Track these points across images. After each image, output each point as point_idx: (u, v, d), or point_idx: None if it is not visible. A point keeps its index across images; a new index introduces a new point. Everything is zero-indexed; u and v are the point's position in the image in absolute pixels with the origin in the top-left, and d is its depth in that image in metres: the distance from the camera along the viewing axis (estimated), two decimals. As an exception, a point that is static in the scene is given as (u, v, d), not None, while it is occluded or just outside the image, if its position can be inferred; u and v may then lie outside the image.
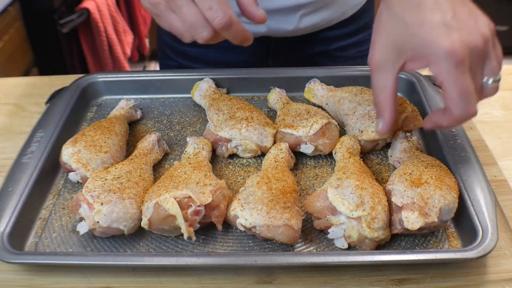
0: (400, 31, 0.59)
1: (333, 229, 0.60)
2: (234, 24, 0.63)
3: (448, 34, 0.55)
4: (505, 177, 0.71)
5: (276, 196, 0.60)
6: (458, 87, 0.56)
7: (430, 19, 0.56)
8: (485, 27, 0.58)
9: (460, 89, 0.56)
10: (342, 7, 0.99)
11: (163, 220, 0.59)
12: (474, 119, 0.82)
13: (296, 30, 0.95)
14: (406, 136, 0.74)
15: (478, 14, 0.59)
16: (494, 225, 0.58)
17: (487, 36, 0.57)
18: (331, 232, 0.60)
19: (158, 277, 0.59)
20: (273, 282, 0.58)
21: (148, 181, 0.67)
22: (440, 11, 0.56)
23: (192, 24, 0.63)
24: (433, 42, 0.55)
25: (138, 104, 0.87)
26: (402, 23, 0.58)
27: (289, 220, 0.57)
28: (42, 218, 0.66)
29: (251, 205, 0.59)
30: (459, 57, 0.54)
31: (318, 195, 0.61)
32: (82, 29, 2.15)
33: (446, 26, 0.55)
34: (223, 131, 0.73)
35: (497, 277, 0.58)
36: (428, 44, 0.56)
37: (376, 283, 0.57)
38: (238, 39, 0.65)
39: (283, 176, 0.64)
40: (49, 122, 0.77)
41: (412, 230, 0.57)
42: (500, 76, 0.59)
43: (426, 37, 0.56)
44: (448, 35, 0.55)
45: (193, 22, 0.62)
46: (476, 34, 0.56)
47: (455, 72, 0.55)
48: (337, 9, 0.98)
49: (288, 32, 0.96)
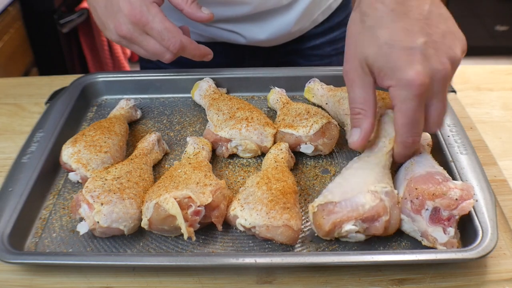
0: (371, 47, 0.57)
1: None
2: (187, 46, 0.75)
3: (415, 62, 0.54)
4: (505, 177, 0.71)
5: (276, 197, 0.60)
6: (407, 118, 0.56)
7: (401, 41, 0.55)
8: (458, 49, 0.56)
9: (408, 120, 0.57)
10: (315, 13, 1.00)
11: (163, 220, 0.59)
12: (474, 119, 0.83)
13: (268, 40, 0.99)
14: None
15: (453, 33, 0.57)
16: (494, 225, 0.58)
17: (456, 60, 0.56)
18: None
19: (158, 277, 0.59)
20: (273, 282, 0.58)
21: (148, 181, 0.67)
22: (413, 33, 0.55)
23: (154, 52, 0.76)
24: (398, 68, 0.54)
25: (138, 104, 0.87)
26: (374, 40, 0.56)
27: (288, 220, 0.57)
28: (42, 218, 0.66)
29: (251, 205, 0.59)
30: (419, 91, 0.54)
31: None
32: (82, 29, 2.15)
33: (416, 52, 0.54)
34: (223, 131, 0.73)
35: (497, 277, 0.58)
36: (394, 68, 0.55)
37: (376, 283, 0.57)
38: (196, 57, 0.79)
39: (283, 176, 0.64)
40: (49, 122, 0.77)
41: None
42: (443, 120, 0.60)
43: (393, 61, 0.55)
44: (415, 63, 0.54)
45: (155, 50, 0.75)
46: (444, 63, 0.55)
47: (410, 103, 0.55)
48: (308, 18, 1.00)
49: (261, 42, 0.99)
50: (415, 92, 0.54)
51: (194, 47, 0.77)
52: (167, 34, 0.73)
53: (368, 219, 0.57)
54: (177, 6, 0.76)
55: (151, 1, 0.73)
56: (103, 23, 0.76)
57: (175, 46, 0.74)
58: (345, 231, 0.57)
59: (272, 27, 0.96)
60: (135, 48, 0.77)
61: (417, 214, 0.58)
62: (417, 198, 0.58)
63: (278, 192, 0.60)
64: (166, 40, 0.73)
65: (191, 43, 0.76)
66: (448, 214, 0.57)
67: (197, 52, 0.78)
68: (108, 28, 0.76)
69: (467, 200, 0.57)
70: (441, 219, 0.57)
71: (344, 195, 0.59)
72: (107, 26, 0.75)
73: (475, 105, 0.88)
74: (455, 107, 0.80)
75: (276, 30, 0.97)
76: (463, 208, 0.56)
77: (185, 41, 0.75)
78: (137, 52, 0.78)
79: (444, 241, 0.57)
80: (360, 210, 0.57)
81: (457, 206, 0.56)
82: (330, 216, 0.58)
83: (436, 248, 0.57)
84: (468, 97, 0.90)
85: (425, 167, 0.62)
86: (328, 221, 0.57)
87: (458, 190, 0.57)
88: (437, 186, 0.58)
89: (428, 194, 0.57)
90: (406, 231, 0.61)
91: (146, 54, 0.77)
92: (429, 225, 0.57)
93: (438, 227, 0.57)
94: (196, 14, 0.76)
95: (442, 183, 0.58)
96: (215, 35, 0.99)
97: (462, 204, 0.56)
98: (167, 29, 0.73)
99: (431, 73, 0.54)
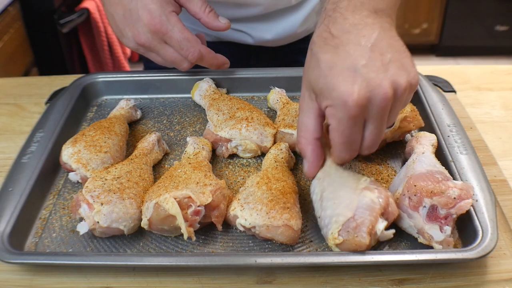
0: (314, 71, 0.57)
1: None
2: (205, 56, 0.77)
3: (352, 83, 0.53)
4: (505, 177, 0.71)
5: (276, 196, 0.60)
6: (343, 137, 0.56)
7: (341, 63, 0.54)
8: (403, 79, 0.54)
9: (344, 139, 0.56)
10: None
11: (163, 220, 0.59)
12: (474, 119, 0.83)
13: (274, 40, 0.99)
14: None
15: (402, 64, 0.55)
16: (494, 225, 0.58)
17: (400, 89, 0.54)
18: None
19: (158, 277, 0.59)
20: (273, 282, 0.58)
21: (148, 181, 0.67)
22: (354, 56, 0.54)
23: (172, 61, 0.77)
24: (335, 89, 0.54)
25: (138, 104, 0.87)
26: (317, 63, 0.56)
27: (288, 220, 0.57)
28: (42, 218, 0.66)
29: (251, 205, 0.59)
30: (354, 112, 0.53)
31: None
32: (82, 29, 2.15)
33: (355, 74, 0.53)
34: (223, 131, 0.73)
35: (497, 277, 0.58)
36: (331, 89, 0.54)
37: (376, 283, 0.57)
38: (214, 66, 0.80)
39: (283, 176, 0.64)
40: (49, 122, 0.77)
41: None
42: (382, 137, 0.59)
43: (331, 82, 0.54)
44: (352, 84, 0.53)
45: (173, 59, 0.77)
46: (385, 87, 0.53)
47: (345, 123, 0.54)
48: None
49: (268, 42, 1.00)
50: (350, 112, 0.53)
51: (212, 57, 0.79)
52: (186, 43, 0.74)
53: (385, 208, 0.57)
54: (195, 15, 0.77)
55: (170, 10, 0.74)
56: (121, 30, 0.77)
57: (194, 55, 0.75)
58: (380, 231, 0.56)
59: (279, 28, 0.97)
60: (153, 56, 0.78)
61: (414, 211, 0.58)
62: (415, 195, 0.58)
63: (278, 192, 0.60)
64: (185, 49, 0.74)
65: (209, 53, 0.78)
66: (445, 212, 0.57)
67: (215, 61, 0.80)
68: (126, 36, 0.76)
69: (465, 199, 0.56)
70: (438, 217, 0.57)
71: (351, 206, 0.56)
72: (125, 34, 0.76)
73: (475, 105, 0.88)
74: (455, 107, 0.80)
75: (283, 31, 0.97)
76: (460, 207, 0.56)
77: (203, 51, 0.76)
78: (154, 60, 0.79)
79: (440, 240, 0.57)
80: (376, 206, 0.56)
81: (455, 205, 0.56)
82: (359, 229, 0.55)
83: (431, 246, 0.57)
84: (468, 97, 0.90)
85: (427, 166, 0.62)
86: (363, 234, 0.55)
87: (457, 189, 0.57)
88: (436, 184, 0.58)
89: (426, 191, 0.57)
90: (402, 227, 0.61)
91: (164, 62, 0.78)
92: (426, 222, 0.57)
93: (435, 225, 0.57)
94: (214, 23, 0.77)
95: (441, 181, 0.58)
96: (223, 34, 0.99)
97: (460, 203, 0.56)
98: (187, 39, 0.74)
99: (369, 95, 0.53)
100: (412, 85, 0.55)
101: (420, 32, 3.22)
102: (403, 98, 0.55)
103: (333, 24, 0.57)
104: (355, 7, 0.57)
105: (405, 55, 0.56)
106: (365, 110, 0.54)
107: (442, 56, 3.34)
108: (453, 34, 3.21)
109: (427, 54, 3.37)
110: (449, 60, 3.32)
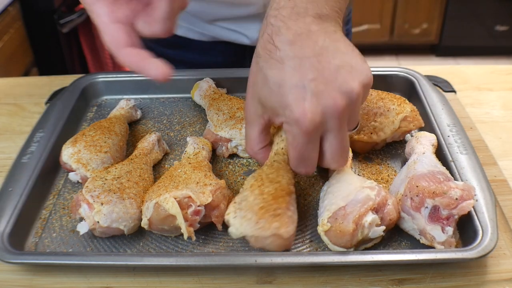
0: (263, 88, 0.56)
1: None
2: None
3: (302, 100, 0.52)
4: (505, 177, 0.71)
5: (267, 202, 0.57)
6: (297, 153, 0.57)
7: (289, 80, 0.54)
8: (354, 82, 0.54)
9: (299, 154, 0.57)
10: None
11: (163, 220, 0.59)
12: (474, 119, 0.83)
13: None
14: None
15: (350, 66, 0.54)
16: (494, 225, 0.58)
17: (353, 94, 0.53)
18: None
19: (158, 277, 0.59)
20: (273, 282, 0.58)
21: (148, 181, 0.67)
22: (300, 71, 0.53)
23: None
24: (287, 106, 0.53)
25: (138, 104, 0.87)
26: (265, 80, 0.56)
27: (278, 229, 0.55)
28: (42, 218, 0.66)
29: (243, 212, 0.57)
30: (308, 129, 0.53)
31: None
32: (82, 29, 2.15)
33: (304, 90, 0.53)
34: (223, 131, 0.73)
35: (497, 277, 0.58)
36: (284, 107, 0.54)
37: (376, 283, 0.57)
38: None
39: (277, 177, 0.61)
40: (49, 122, 0.77)
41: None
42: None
43: (282, 99, 0.54)
44: (302, 101, 0.52)
45: None
46: (335, 98, 0.53)
47: (300, 139, 0.55)
48: None
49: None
50: (304, 129, 0.53)
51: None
52: None
53: (380, 206, 0.58)
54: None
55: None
56: None
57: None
58: (368, 223, 0.56)
59: None
60: None
61: (416, 212, 0.58)
62: (417, 195, 0.58)
63: (270, 197, 0.58)
64: None
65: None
66: (447, 213, 0.57)
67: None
68: None
69: (467, 200, 0.56)
70: (440, 218, 0.57)
71: (347, 198, 0.58)
72: None
73: (475, 105, 0.88)
74: (455, 107, 0.80)
75: None
76: (462, 208, 0.56)
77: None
78: None
79: (442, 240, 0.57)
80: (370, 201, 0.57)
81: (457, 205, 0.56)
82: (347, 218, 0.56)
83: (433, 247, 0.57)
84: (468, 97, 0.90)
85: (428, 166, 0.62)
86: (348, 222, 0.56)
87: (458, 190, 0.57)
88: (438, 184, 0.58)
89: (428, 192, 0.57)
90: (405, 229, 0.61)
91: None
92: (428, 223, 0.57)
93: (437, 225, 0.57)
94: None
95: (443, 182, 0.58)
96: (218, 34, 0.99)
97: (462, 204, 0.56)
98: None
99: (322, 109, 0.53)
100: (366, 84, 0.55)
101: (420, 32, 3.22)
102: (358, 100, 0.55)
103: (276, 35, 0.56)
104: (298, 15, 0.56)
105: (353, 54, 0.55)
106: (320, 125, 0.54)
107: (442, 56, 3.34)
108: (453, 34, 3.22)
109: (427, 54, 3.37)
110: (449, 60, 3.32)
